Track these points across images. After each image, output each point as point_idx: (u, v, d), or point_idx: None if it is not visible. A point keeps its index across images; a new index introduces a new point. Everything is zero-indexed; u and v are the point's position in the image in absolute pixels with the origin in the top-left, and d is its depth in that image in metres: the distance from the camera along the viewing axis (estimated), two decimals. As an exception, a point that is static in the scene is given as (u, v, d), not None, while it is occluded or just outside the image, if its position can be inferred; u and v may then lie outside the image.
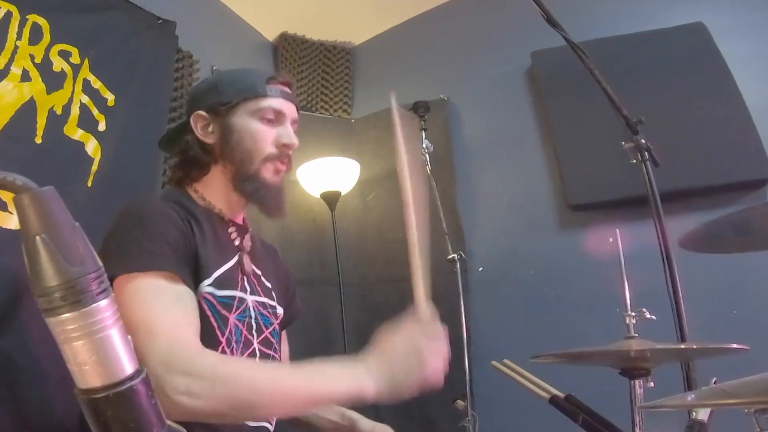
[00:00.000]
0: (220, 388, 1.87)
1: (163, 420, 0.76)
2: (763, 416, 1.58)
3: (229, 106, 2.50)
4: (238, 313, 2.39)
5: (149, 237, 2.14)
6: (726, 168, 4.45)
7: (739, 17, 4.76)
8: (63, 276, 0.67)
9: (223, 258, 2.42)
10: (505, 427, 4.76)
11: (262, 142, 2.49)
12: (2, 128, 3.27)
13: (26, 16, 3.50)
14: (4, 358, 3.09)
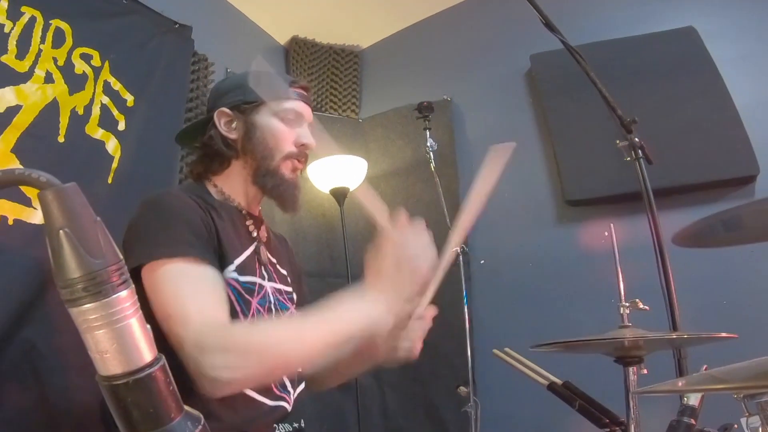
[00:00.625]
0: (254, 356, 1.93)
1: (181, 405, 0.76)
2: (751, 401, 1.58)
3: (254, 104, 2.53)
4: (259, 297, 2.41)
5: (173, 225, 2.17)
6: (716, 165, 4.46)
7: (728, 22, 4.77)
8: (85, 268, 0.68)
9: (242, 247, 2.43)
10: (506, 413, 4.76)
11: (283, 140, 2.53)
12: (27, 128, 3.29)
13: (49, 21, 3.52)
14: (29, 346, 3.11)
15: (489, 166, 2.49)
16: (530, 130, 5.49)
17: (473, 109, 5.92)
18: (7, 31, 3.30)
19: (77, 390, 3.18)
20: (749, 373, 1.26)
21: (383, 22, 6.46)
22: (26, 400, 3.08)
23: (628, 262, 2.93)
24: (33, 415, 3.09)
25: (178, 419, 0.74)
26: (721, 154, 4.47)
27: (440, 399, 5.00)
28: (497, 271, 5.24)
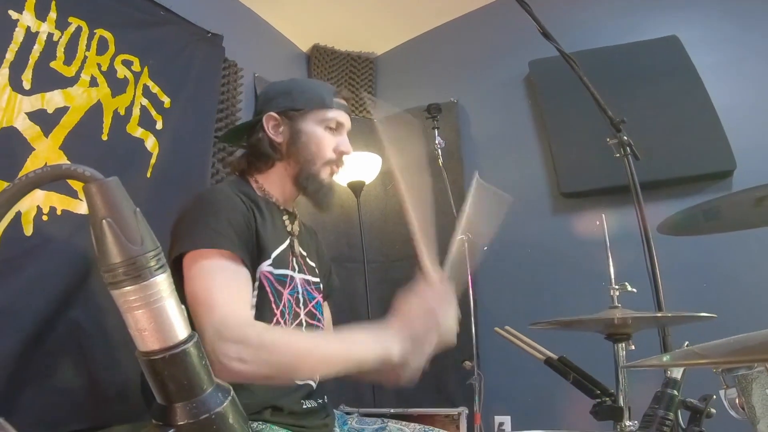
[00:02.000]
0: (266, 354, 1.94)
1: (212, 378, 0.76)
2: (728, 374, 1.59)
3: (300, 111, 2.55)
4: (290, 289, 2.43)
5: (215, 219, 2.18)
6: (697, 161, 4.51)
7: (708, 31, 4.78)
8: (125, 254, 0.68)
9: (278, 241, 2.45)
10: (507, 385, 4.78)
11: (325, 148, 2.55)
12: (73, 127, 3.30)
13: (94, 30, 3.53)
14: (75, 325, 3.12)
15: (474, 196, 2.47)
16: (529, 129, 5.53)
17: (477, 110, 5.93)
18: (55, 40, 3.31)
19: (119, 364, 3.22)
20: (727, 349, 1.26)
21: (396, 32, 6.46)
22: (73, 373, 3.11)
23: (617, 249, 2.95)
24: (79, 387, 3.12)
25: (210, 390, 0.74)
26: (702, 150, 4.51)
27: (447, 372, 5.00)
28: (499, 257, 5.22)
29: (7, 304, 2.84)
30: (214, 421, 0.72)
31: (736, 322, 2.09)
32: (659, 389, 2.24)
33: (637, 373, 2.80)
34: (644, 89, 4.73)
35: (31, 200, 3.05)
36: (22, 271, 2.94)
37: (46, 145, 3.17)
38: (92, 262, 3.04)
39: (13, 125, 3.02)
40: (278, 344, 2.01)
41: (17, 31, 3.14)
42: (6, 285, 2.85)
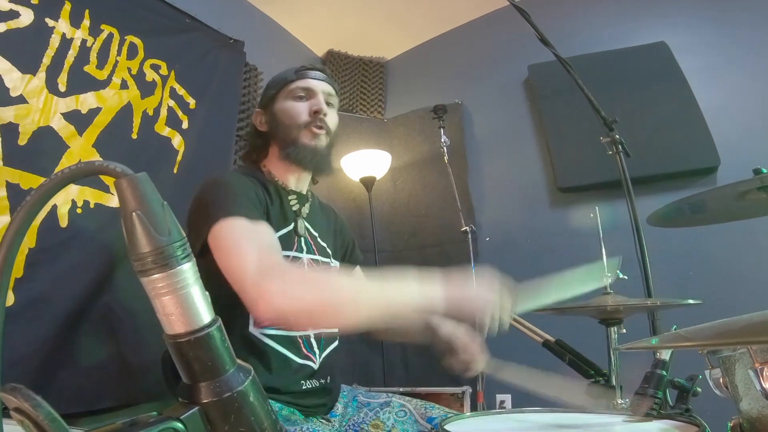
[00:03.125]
0: (310, 289, 1.89)
1: (235, 359, 0.76)
2: (713, 356, 1.58)
3: (271, 97, 2.57)
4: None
5: (231, 195, 2.17)
6: (684, 158, 4.51)
7: (694, 38, 4.78)
8: (154, 244, 0.68)
9: (284, 223, 2.42)
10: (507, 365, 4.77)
11: (296, 114, 2.51)
12: (105, 126, 3.33)
13: (125, 37, 3.55)
14: (107, 310, 3.15)
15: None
16: (528, 129, 5.52)
17: (480, 110, 5.92)
18: (89, 46, 3.34)
19: (146, 346, 3.25)
20: (712, 332, 1.25)
21: (405, 38, 6.46)
22: (105, 354, 3.14)
23: (610, 240, 2.94)
24: (110, 366, 3.15)
25: (232, 371, 0.74)
26: (688, 148, 4.52)
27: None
28: (500, 247, 5.26)
29: (43, 291, 2.87)
30: (236, 399, 0.72)
31: (721, 307, 2.09)
32: (649, 370, 2.24)
33: (628, 355, 2.79)
34: (635, 91, 4.74)
35: (66, 194, 3.08)
36: (58, 261, 2.97)
37: (80, 143, 3.19)
38: (123, 252, 3.05)
39: (49, 125, 3.05)
40: (321, 280, 2.01)
41: (53, 38, 3.16)
42: (43, 273, 2.88)
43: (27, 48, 3.04)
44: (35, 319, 2.82)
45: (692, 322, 1.40)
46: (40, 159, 2.97)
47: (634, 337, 1.99)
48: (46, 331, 2.86)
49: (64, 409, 2.78)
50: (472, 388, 4.15)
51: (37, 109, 3.01)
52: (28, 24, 3.04)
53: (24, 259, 2.83)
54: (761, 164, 2.36)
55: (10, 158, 2.84)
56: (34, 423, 0.59)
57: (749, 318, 1.18)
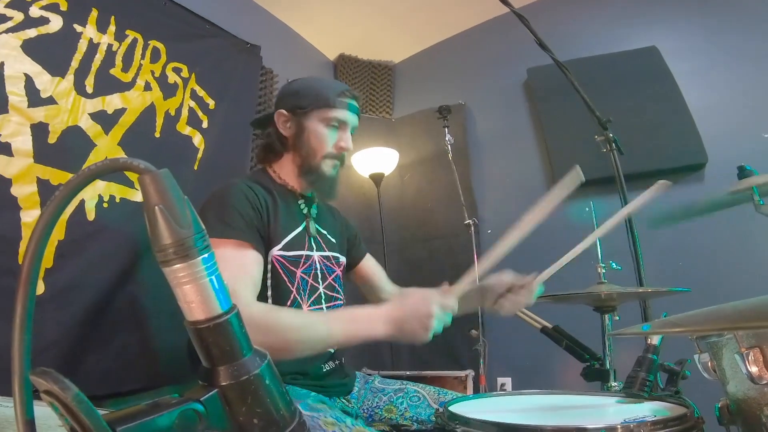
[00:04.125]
0: (261, 336, 1.83)
1: (251, 344, 0.76)
2: (702, 341, 1.58)
3: (306, 110, 2.52)
4: (304, 267, 2.42)
5: (227, 212, 2.20)
6: (674, 155, 4.51)
7: (683, 42, 4.78)
8: (175, 236, 0.68)
9: (293, 224, 2.45)
10: (507, 350, 4.80)
11: (325, 143, 2.51)
12: (130, 126, 3.35)
13: (148, 42, 3.56)
14: (132, 298, 3.17)
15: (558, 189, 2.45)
16: (527, 128, 5.52)
17: (482, 111, 5.92)
18: (114, 50, 3.35)
19: (169, 332, 3.26)
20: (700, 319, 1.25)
21: (411, 43, 6.47)
22: (129, 339, 3.16)
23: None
24: (134, 351, 3.17)
25: (249, 355, 0.74)
26: (678, 146, 4.53)
27: (456, 339, 5.03)
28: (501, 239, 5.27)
29: (72, 280, 2.89)
30: (253, 382, 0.72)
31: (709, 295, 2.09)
32: (641, 354, 2.24)
33: (621, 341, 2.81)
34: (627, 93, 4.73)
35: (93, 189, 3.09)
36: (85, 252, 2.99)
37: (106, 141, 3.20)
38: (146, 244, 3.06)
39: (77, 124, 3.06)
40: (274, 325, 2.00)
41: (81, 43, 3.17)
42: (71, 264, 2.90)
43: (56, 52, 3.05)
44: (64, 306, 2.85)
45: (682, 309, 1.40)
46: (69, 156, 2.99)
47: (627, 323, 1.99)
48: (74, 318, 2.89)
49: (91, 391, 2.79)
50: (475, 372, 4.17)
51: (66, 110, 3.02)
52: (57, 30, 3.06)
53: (54, 250, 2.85)
54: (746, 160, 2.36)
55: (40, 156, 2.86)
56: (63, 404, 0.59)
57: (735, 305, 1.18)
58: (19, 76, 2.84)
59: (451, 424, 1.76)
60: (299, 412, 0.80)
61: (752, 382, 1.37)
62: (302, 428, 0.78)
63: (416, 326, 2.01)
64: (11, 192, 2.74)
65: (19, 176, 2.77)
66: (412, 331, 2.02)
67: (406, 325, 2.02)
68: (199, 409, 0.69)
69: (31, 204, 2.79)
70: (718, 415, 1.59)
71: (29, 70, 2.89)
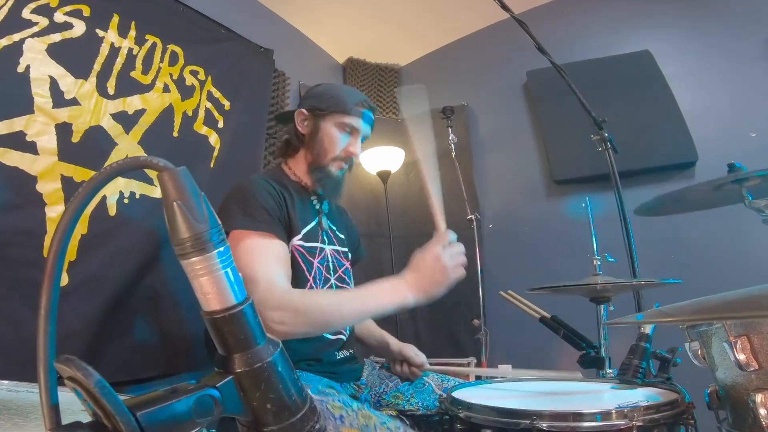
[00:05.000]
0: (302, 317, 2.01)
1: (264, 333, 0.76)
2: (692, 330, 1.59)
3: (324, 112, 2.56)
4: (319, 258, 2.47)
5: (251, 204, 2.23)
6: (666, 154, 4.55)
7: (674, 47, 4.81)
8: (193, 230, 0.68)
9: (308, 219, 2.49)
10: (508, 339, 4.82)
11: (335, 145, 2.54)
12: (150, 126, 3.36)
13: (167, 46, 3.58)
14: (151, 290, 3.19)
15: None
16: (526, 128, 5.53)
17: (484, 111, 5.94)
18: (135, 53, 3.36)
19: (186, 322, 3.29)
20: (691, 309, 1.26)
21: (416, 47, 6.48)
22: (149, 330, 3.18)
23: (600, 227, 2.98)
24: (153, 339, 3.20)
25: (262, 344, 0.74)
26: (670, 145, 4.55)
27: (459, 329, 5.07)
28: (502, 233, 5.29)
29: (94, 273, 2.91)
30: (266, 369, 0.73)
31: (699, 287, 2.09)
32: (634, 342, 2.24)
33: (615, 330, 2.82)
34: (622, 94, 4.75)
35: (115, 186, 3.11)
36: (107, 245, 3.00)
37: (127, 140, 3.22)
38: (165, 238, 3.07)
39: (99, 124, 3.08)
40: (311, 307, 2.08)
41: (103, 47, 3.18)
42: (93, 257, 2.92)
43: (79, 56, 3.07)
44: (87, 297, 2.86)
45: (673, 299, 1.40)
46: (91, 155, 3.01)
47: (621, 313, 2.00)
48: (96, 309, 2.90)
49: (112, 377, 2.79)
50: (477, 359, 4.19)
51: (89, 110, 3.04)
52: (80, 34, 3.07)
53: (77, 244, 2.87)
54: (735, 158, 2.36)
55: (64, 154, 2.87)
56: (86, 390, 0.60)
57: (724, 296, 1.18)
58: (44, 79, 2.86)
59: (455, 408, 1.78)
60: (310, 397, 0.80)
61: (740, 369, 1.37)
62: (313, 413, 0.78)
63: (437, 281, 2.08)
64: (36, 188, 2.75)
65: (44, 173, 2.78)
66: (437, 286, 2.08)
67: (428, 285, 2.08)
68: (215, 394, 0.69)
69: (55, 200, 2.80)
70: (707, 400, 1.60)
71: (54, 72, 2.91)
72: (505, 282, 3.37)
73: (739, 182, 2.33)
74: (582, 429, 1.53)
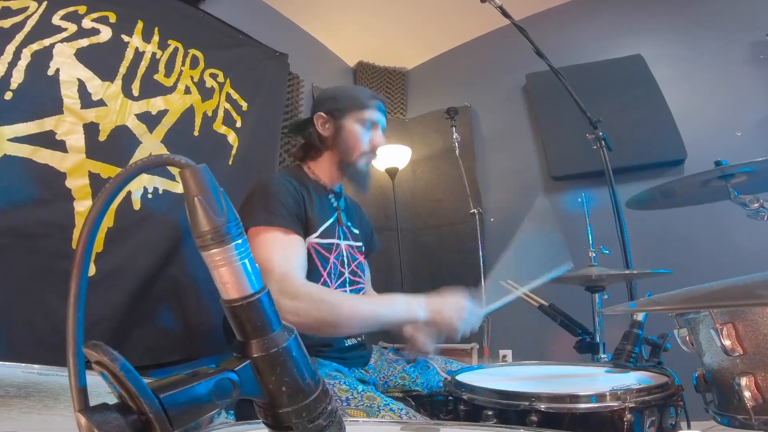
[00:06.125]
0: (315, 310, 2.02)
1: (280, 320, 0.77)
2: (681, 318, 1.59)
3: (343, 112, 2.56)
4: (335, 254, 2.47)
5: (271, 202, 2.23)
6: (656, 151, 4.59)
7: (665, 51, 4.83)
8: (212, 224, 0.68)
9: (326, 216, 2.49)
10: (508, 326, 4.83)
11: (361, 141, 2.55)
12: (172, 125, 3.39)
13: (188, 50, 3.60)
14: (173, 279, 3.20)
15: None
16: (526, 127, 5.55)
17: (486, 112, 5.95)
18: (158, 58, 3.38)
19: (206, 310, 3.31)
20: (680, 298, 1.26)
21: (422, 51, 6.49)
22: (171, 316, 3.21)
23: (595, 220, 3.02)
24: (176, 326, 3.22)
25: (278, 330, 0.74)
26: (660, 144, 4.59)
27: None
28: (503, 226, 5.29)
29: (120, 263, 2.93)
30: (281, 354, 0.72)
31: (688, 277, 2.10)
32: (627, 329, 2.25)
33: (610, 317, 2.82)
34: (615, 96, 4.77)
35: (139, 182, 3.13)
36: (132, 238, 3.02)
37: (151, 139, 3.24)
38: (186, 230, 3.08)
39: (125, 124, 3.10)
40: (326, 301, 2.10)
41: (128, 51, 3.20)
42: (119, 248, 2.94)
43: (106, 59, 3.09)
44: (113, 286, 2.89)
45: (664, 289, 1.40)
46: (117, 153, 3.03)
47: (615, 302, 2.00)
48: (122, 297, 2.92)
49: (137, 362, 2.80)
50: (479, 345, 4.19)
51: (115, 111, 3.05)
52: (107, 39, 3.10)
53: (104, 236, 2.89)
54: (721, 156, 2.36)
55: (92, 152, 2.89)
56: (112, 373, 0.60)
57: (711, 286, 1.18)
58: (72, 81, 2.88)
59: (458, 391, 1.79)
60: (323, 381, 0.80)
61: (725, 354, 1.38)
62: (326, 395, 0.78)
63: (452, 315, 2.13)
64: (66, 184, 2.78)
65: (72, 170, 2.80)
66: (449, 318, 2.13)
67: (443, 313, 2.13)
68: (233, 378, 0.69)
69: (83, 195, 2.82)
70: (695, 383, 1.61)
71: (82, 75, 2.93)
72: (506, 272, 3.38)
73: (725, 178, 2.33)
74: (578, 410, 1.54)
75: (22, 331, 2.52)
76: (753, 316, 1.35)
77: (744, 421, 1.37)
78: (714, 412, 1.53)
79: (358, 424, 1.39)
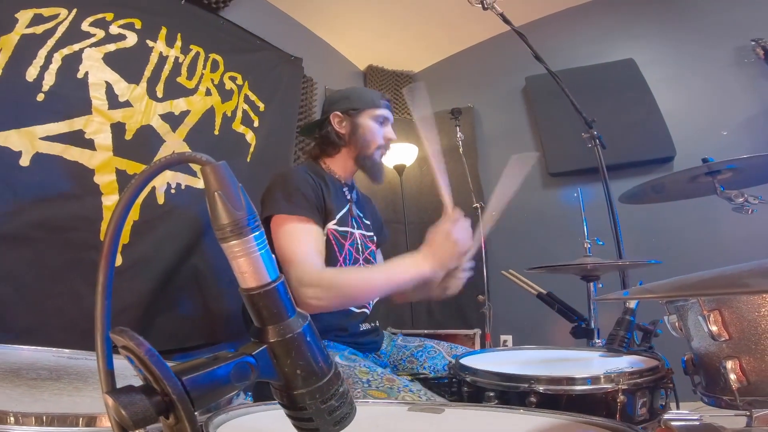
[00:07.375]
0: (335, 292, 2.07)
1: (295, 308, 0.76)
2: (671, 305, 1.60)
3: (358, 111, 2.60)
4: (350, 241, 2.49)
5: (291, 192, 2.26)
6: (647, 149, 4.62)
7: (656, 55, 4.85)
8: (232, 217, 0.68)
9: (341, 206, 2.50)
10: (509, 313, 4.84)
11: (377, 136, 2.60)
12: (193, 125, 3.41)
13: (209, 54, 3.61)
14: (194, 269, 3.23)
15: (510, 172, 2.73)
16: (525, 127, 5.56)
17: (488, 112, 5.96)
18: (180, 61, 3.39)
19: (225, 298, 3.34)
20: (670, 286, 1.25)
21: (429, 55, 6.49)
22: (193, 304, 3.23)
23: (590, 213, 3.03)
24: (197, 313, 3.26)
25: (293, 317, 0.74)
26: (651, 142, 4.62)
27: (466, 304, 5.03)
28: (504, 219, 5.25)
29: (145, 254, 2.96)
30: (296, 339, 0.73)
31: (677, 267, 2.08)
32: (620, 316, 2.24)
33: (604, 305, 2.82)
34: (609, 97, 4.76)
35: (163, 178, 3.15)
36: (156, 230, 3.05)
37: (174, 138, 3.25)
38: (207, 223, 3.09)
39: (149, 124, 3.12)
40: (343, 283, 2.14)
41: (152, 55, 3.21)
42: (144, 240, 2.97)
43: (132, 63, 3.11)
44: (138, 276, 2.91)
45: (654, 278, 1.40)
46: (142, 150, 3.06)
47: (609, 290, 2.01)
48: (147, 286, 2.96)
49: (161, 346, 2.80)
50: (482, 330, 4.20)
51: (140, 111, 3.07)
52: (132, 44, 3.11)
53: (130, 229, 2.92)
54: (708, 154, 2.37)
55: (119, 150, 2.92)
56: (138, 357, 0.60)
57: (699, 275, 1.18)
58: (100, 84, 2.90)
59: (462, 373, 1.79)
60: (335, 364, 0.80)
61: (712, 339, 1.39)
62: (338, 378, 0.78)
63: (449, 253, 2.24)
64: (94, 180, 2.80)
65: (100, 167, 2.83)
66: (450, 257, 2.24)
67: (442, 256, 2.21)
68: (251, 362, 0.70)
69: (110, 190, 2.84)
70: (684, 366, 1.62)
71: (109, 78, 2.95)
72: (506, 262, 3.38)
73: (711, 174, 2.34)
74: (574, 392, 1.54)
75: (53, 318, 2.55)
76: (738, 304, 1.36)
77: (729, 402, 1.38)
78: (701, 394, 1.54)
79: (368, 405, 1.39)
